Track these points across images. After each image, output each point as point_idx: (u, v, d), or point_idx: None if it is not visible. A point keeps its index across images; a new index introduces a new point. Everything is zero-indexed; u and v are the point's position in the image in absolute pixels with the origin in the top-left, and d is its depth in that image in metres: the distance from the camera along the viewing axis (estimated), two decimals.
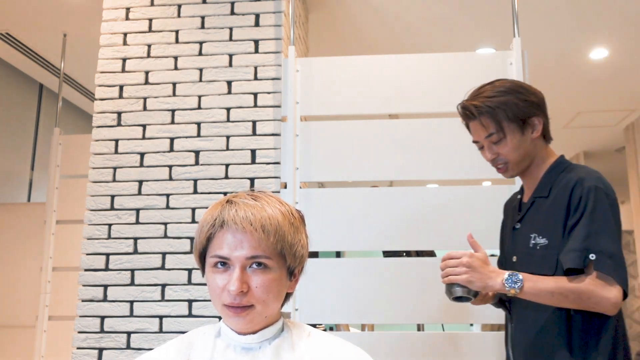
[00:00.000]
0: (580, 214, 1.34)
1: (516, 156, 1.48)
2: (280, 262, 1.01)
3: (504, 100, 1.46)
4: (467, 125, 1.55)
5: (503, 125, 1.46)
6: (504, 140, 1.47)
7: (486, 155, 1.51)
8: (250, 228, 0.97)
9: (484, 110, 1.46)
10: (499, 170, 1.52)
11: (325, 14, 3.28)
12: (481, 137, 1.50)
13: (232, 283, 0.96)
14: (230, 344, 1.03)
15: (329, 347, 1.03)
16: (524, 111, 1.46)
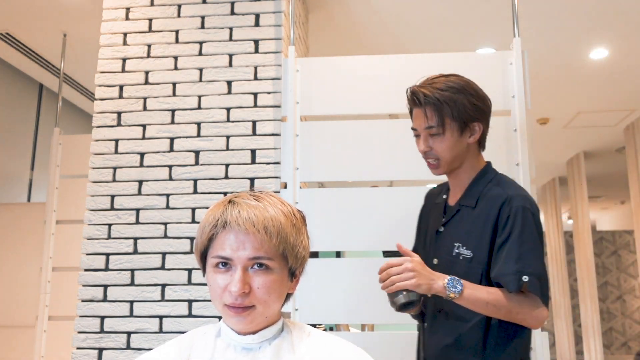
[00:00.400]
0: (509, 234, 1.38)
1: (449, 155, 1.47)
2: (282, 263, 1.01)
3: (454, 98, 1.45)
4: (410, 110, 1.54)
5: (445, 122, 1.45)
6: (441, 136, 1.46)
7: (420, 146, 1.50)
8: (252, 229, 0.97)
9: (431, 101, 1.45)
10: (430, 165, 1.51)
11: (325, 14, 3.28)
12: (421, 127, 1.48)
13: (234, 284, 0.96)
14: (231, 344, 1.03)
15: (329, 347, 1.03)
16: (469, 114, 1.46)
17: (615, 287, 8.95)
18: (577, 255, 6.40)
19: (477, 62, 2.25)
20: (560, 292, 7.06)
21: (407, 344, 2.08)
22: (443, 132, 1.45)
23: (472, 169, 1.51)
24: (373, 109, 2.26)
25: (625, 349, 8.76)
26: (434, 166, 1.50)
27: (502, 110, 2.19)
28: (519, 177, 2.11)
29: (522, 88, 2.15)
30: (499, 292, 1.36)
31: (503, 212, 1.40)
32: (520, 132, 2.12)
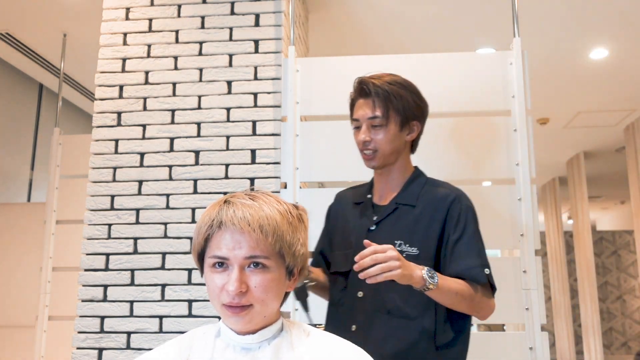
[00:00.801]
0: (462, 231, 1.44)
1: (388, 148, 1.50)
2: (279, 262, 1.01)
3: (400, 93, 1.50)
4: (353, 101, 1.55)
5: (390, 114, 1.48)
6: (384, 128, 1.49)
7: (360, 136, 1.51)
8: (248, 228, 0.97)
9: (380, 92, 1.48)
10: (366, 156, 1.52)
11: (325, 14, 3.28)
12: (365, 117, 1.50)
13: (231, 283, 0.96)
14: (230, 343, 1.03)
15: (328, 347, 1.03)
16: (412, 112, 1.51)
17: (615, 287, 8.95)
18: (577, 255, 6.40)
19: (477, 62, 2.25)
20: (560, 292, 7.06)
21: None
22: (386, 123, 1.49)
23: (404, 169, 1.55)
24: None
25: (625, 349, 8.76)
26: (370, 157, 1.51)
27: (502, 110, 2.19)
28: (519, 177, 2.11)
29: (522, 88, 2.15)
30: (464, 283, 1.40)
31: (453, 210, 1.47)
32: (520, 132, 2.12)
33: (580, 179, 6.21)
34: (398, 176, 1.55)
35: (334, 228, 1.62)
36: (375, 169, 1.55)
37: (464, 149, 2.17)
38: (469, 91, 2.21)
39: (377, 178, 1.58)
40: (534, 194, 2.09)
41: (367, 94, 1.50)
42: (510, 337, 2.05)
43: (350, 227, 1.55)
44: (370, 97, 1.49)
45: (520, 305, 2.03)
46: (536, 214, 2.08)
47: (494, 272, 2.08)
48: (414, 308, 1.42)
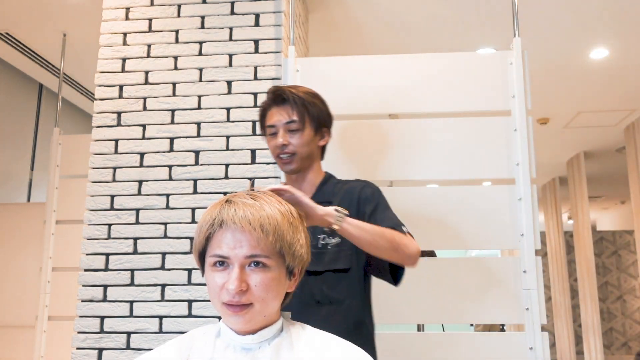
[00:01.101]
0: (376, 204, 1.57)
1: (305, 151, 1.58)
2: (279, 261, 1.01)
3: (313, 101, 1.60)
4: (265, 110, 1.62)
5: (306, 119, 1.58)
6: (300, 132, 1.57)
7: (278, 140, 1.57)
8: (249, 227, 0.98)
9: (297, 98, 1.58)
10: (283, 160, 1.58)
11: (325, 14, 3.28)
12: (281, 122, 1.57)
13: (232, 282, 0.97)
14: (230, 344, 1.03)
15: (328, 347, 1.03)
16: (324, 118, 1.63)
17: (616, 287, 8.94)
18: (577, 255, 6.40)
19: (477, 62, 2.25)
20: (560, 292, 7.06)
21: (407, 344, 2.08)
22: (303, 128, 1.57)
23: (317, 173, 1.65)
24: (373, 109, 2.26)
25: (626, 349, 8.76)
26: (287, 161, 1.58)
27: (502, 110, 2.19)
28: (519, 177, 2.11)
29: (522, 88, 2.15)
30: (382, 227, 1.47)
31: (363, 193, 1.59)
32: (520, 132, 2.12)
33: (580, 179, 6.21)
34: (312, 180, 1.63)
35: None
36: (291, 173, 1.62)
37: (464, 149, 2.17)
38: (469, 91, 2.21)
39: (292, 183, 1.63)
40: (534, 194, 2.09)
41: (282, 101, 1.59)
42: (510, 337, 2.05)
43: None
44: (287, 104, 1.58)
45: (520, 305, 2.03)
46: (536, 214, 2.08)
47: (493, 271, 2.09)
48: (341, 293, 1.51)
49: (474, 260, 2.13)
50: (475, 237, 2.12)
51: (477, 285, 2.08)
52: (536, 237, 2.06)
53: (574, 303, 7.97)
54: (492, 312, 2.07)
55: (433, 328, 3.75)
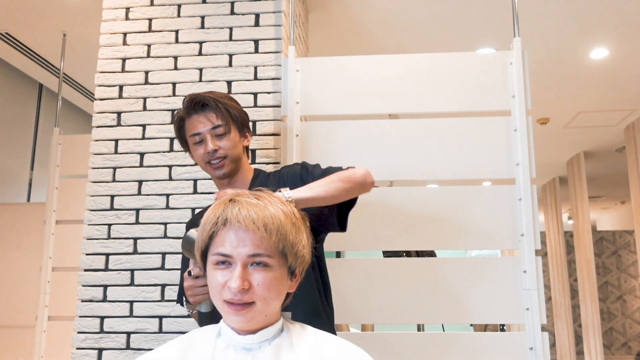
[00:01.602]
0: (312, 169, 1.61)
1: (235, 153, 1.61)
2: (282, 261, 1.02)
3: (231, 104, 1.62)
4: (182, 120, 1.62)
5: (229, 122, 1.60)
6: (227, 135, 1.59)
7: (208, 147, 1.57)
8: (252, 226, 0.98)
9: (219, 103, 1.59)
10: (215, 165, 1.59)
11: (325, 14, 3.28)
12: (207, 128, 1.58)
13: (234, 280, 0.97)
14: (231, 344, 1.03)
15: (329, 347, 1.03)
16: (243, 119, 1.66)
17: (616, 287, 8.94)
18: (578, 255, 6.40)
19: (477, 62, 2.25)
20: (561, 292, 7.05)
21: (407, 344, 2.08)
22: (229, 130, 1.59)
23: (247, 172, 1.68)
24: (373, 109, 2.26)
25: (626, 349, 8.75)
26: (219, 165, 1.59)
27: (502, 110, 2.19)
28: (519, 177, 2.11)
29: (522, 88, 2.15)
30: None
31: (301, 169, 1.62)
32: (520, 132, 2.12)
33: (580, 179, 6.21)
34: (243, 178, 1.66)
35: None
36: (224, 178, 1.63)
37: (464, 149, 2.17)
38: (469, 91, 2.21)
39: (223, 187, 1.65)
40: (534, 194, 2.09)
41: (203, 107, 1.59)
42: (510, 337, 2.05)
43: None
44: (208, 109, 1.58)
45: (520, 305, 2.03)
46: (536, 214, 2.08)
47: (493, 271, 2.09)
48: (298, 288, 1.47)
49: (474, 260, 2.13)
50: (475, 237, 2.12)
51: (477, 285, 2.08)
52: (536, 237, 2.06)
53: (574, 303, 7.98)
54: (492, 312, 2.07)
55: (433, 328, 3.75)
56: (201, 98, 1.60)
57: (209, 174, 1.64)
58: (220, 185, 1.67)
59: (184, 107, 1.62)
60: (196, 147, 1.62)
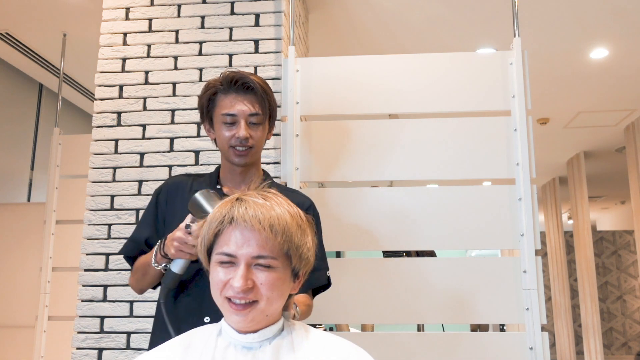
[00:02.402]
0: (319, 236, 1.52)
1: (261, 145, 1.53)
2: (286, 263, 1.02)
3: (272, 96, 1.54)
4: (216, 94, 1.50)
5: (265, 112, 1.51)
6: (261, 126, 1.51)
7: (240, 132, 1.47)
8: (258, 226, 0.98)
9: (265, 90, 1.50)
10: (241, 153, 1.49)
11: (325, 14, 3.28)
12: (245, 113, 1.48)
13: (237, 280, 0.97)
14: (231, 342, 1.03)
15: (329, 347, 1.03)
16: (275, 112, 1.57)
17: (616, 287, 8.94)
18: (577, 255, 6.40)
19: (477, 62, 2.25)
20: (560, 292, 7.06)
21: (407, 344, 2.08)
22: (264, 122, 1.51)
23: (259, 169, 1.60)
24: (373, 109, 2.26)
25: (626, 349, 8.75)
26: (243, 153, 1.49)
27: (502, 111, 2.19)
28: (519, 177, 2.11)
29: (522, 88, 2.15)
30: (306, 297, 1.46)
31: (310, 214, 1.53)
32: (520, 132, 2.12)
33: (580, 179, 6.21)
34: (255, 173, 1.57)
35: (172, 213, 1.53)
36: (243, 166, 1.53)
37: (464, 149, 2.17)
38: (469, 91, 2.21)
39: (233, 175, 1.55)
40: (534, 194, 2.09)
41: (247, 90, 1.48)
42: (510, 337, 2.05)
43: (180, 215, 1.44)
44: (252, 94, 1.49)
45: (520, 305, 2.03)
46: (536, 214, 2.08)
47: (493, 271, 2.09)
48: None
49: (474, 260, 2.13)
50: (475, 237, 2.12)
51: (477, 285, 2.08)
52: (536, 237, 2.06)
53: (574, 303, 7.98)
54: (492, 312, 2.07)
55: (433, 328, 3.74)
56: (248, 80, 1.48)
57: (227, 158, 1.53)
58: (232, 173, 1.55)
59: (224, 82, 1.50)
60: (225, 126, 1.49)
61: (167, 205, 1.55)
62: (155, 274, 1.45)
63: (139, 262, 1.51)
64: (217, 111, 1.51)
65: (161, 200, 1.56)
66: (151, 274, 1.46)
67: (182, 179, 1.60)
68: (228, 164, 1.55)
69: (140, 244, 1.53)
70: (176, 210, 1.52)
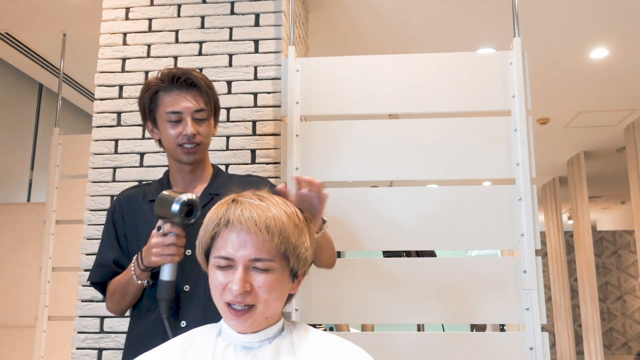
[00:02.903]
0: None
1: (208, 142, 1.51)
2: (283, 264, 1.01)
3: (214, 90, 1.52)
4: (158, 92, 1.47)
5: (212, 108, 1.49)
6: (207, 122, 1.48)
7: (186, 129, 1.44)
8: (255, 228, 0.98)
9: (208, 85, 1.48)
10: (189, 150, 1.46)
11: (325, 14, 3.28)
12: (190, 110, 1.45)
13: (235, 282, 0.97)
14: (231, 342, 1.03)
15: (329, 347, 1.03)
16: (219, 106, 1.55)
17: (616, 287, 8.94)
18: (578, 255, 6.40)
19: (477, 62, 2.25)
20: (561, 292, 7.05)
21: (407, 344, 2.08)
22: (209, 117, 1.49)
23: (209, 166, 1.57)
24: (373, 109, 2.26)
25: (626, 349, 8.75)
26: (192, 150, 1.46)
27: (502, 111, 2.19)
28: (519, 177, 2.11)
29: (522, 88, 2.15)
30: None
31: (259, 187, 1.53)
32: (520, 132, 2.12)
33: (580, 179, 6.21)
34: (205, 169, 1.55)
35: (131, 228, 1.50)
36: (192, 164, 1.51)
37: (464, 149, 2.17)
38: (469, 91, 2.21)
39: (182, 174, 1.53)
40: (534, 194, 2.09)
41: (190, 87, 1.46)
42: (510, 337, 2.05)
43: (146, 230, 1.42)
44: (196, 90, 1.46)
45: (520, 305, 2.03)
46: (536, 214, 2.08)
47: (493, 271, 2.09)
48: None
49: (474, 260, 2.13)
50: (475, 237, 2.12)
51: (477, 285, 2.08)
52: (536, 237, 2.06)
53: (574, 303, 7.97)
54: (492, 312, 2.07)
55: (433, 328, 3.74)
56: (191, 76, 1.46)
57: (175, 157, 1.50)
58: (181, 172, 1.53)
59: (165, 79, 1.47)
60: (170, 125, 1.46)
61: (125, 221, 1.52)
62: (137, 290, 1.42)
63: (114, 284, 1.47)
64: (161, 110, 1.48)
65: (117, 218, 1.53)
66: (132, 292, 1.43)
67: (132, 192, 1.57)
68: (176, 164, 1.53)
69: (110, 266, 1.49)
70: (135, 223, 1.50)
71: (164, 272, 1.33)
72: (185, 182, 1.54)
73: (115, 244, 1.51)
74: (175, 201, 1.28)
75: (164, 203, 1.30)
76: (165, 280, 1.32)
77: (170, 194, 1.30)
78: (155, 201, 1.31)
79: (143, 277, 1.39)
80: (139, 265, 1.37)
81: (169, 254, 1.30)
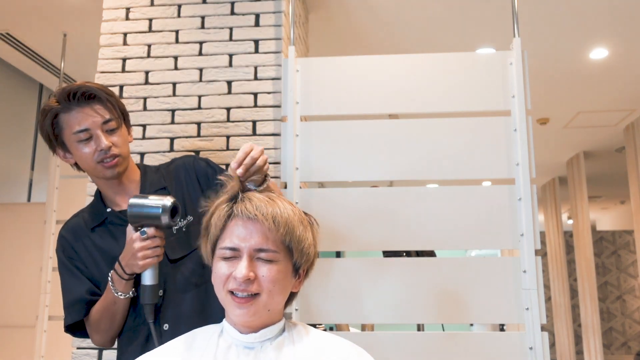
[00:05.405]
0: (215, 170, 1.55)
1: (126, 150, 1.44)
2: (287, 256, 1.03)
3: (117, 97, 1.46)
4: (58, 114, 1.38)
5: (120, 116, 1.44)
6: (118, 131, 1.42)
7: (99, 144, 1.37)
8: (261, 217, 1.00)
9: (107, 92, 1.42)
10: (109, 164, 1.40)
11: (325, 14, 3.28)
12: (96, 124, 1.38)
13: (239, 270, 0.98)
14: (233, 342, 1.03)
15: (329, 347, 1.03)
16: (127, 114, 1.50)
17: (615, 287, 8.95)
18: (577, 255, 6.41)
19: (477, 62, 2.25)
20: (560, 292, 7.06)
21: (407, 344, 2.09)
22: (120, 125, 1.44)
23: (135, 171, 1.52)
24: (373, 109, 2.26)
25: (625, 349, 8.76)
26: (113, 163, 1.40)
27: (502, 110, 2.19)
28: (519, 177, 2.11)
29: (522, 88, 2.15)
30: None
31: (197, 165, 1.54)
32: (520, 132, 2.13)
33: (580, 179, 6.21)
34: (132, 177, 1.50)
35: (86, 257, 1.46)
36: (116, 178, 1.45)
37: (464, 149, 2.17)
38: (469, 91, 2.21)
39: (113, 188, 1.48)
40: (534, 194, 2.10)
41: (89, 100, 1.38)
42: (510, 337, 2.05)
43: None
44: (96, 102, 1.39)
45: (520, 305, 2.04)
46: (536, 214, 2.08)
47: (493, 271, 2.09)
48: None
49: (474, 260, 2.13)
50: (475, 237, 2.12)
51: (477, 285, 2.08)
52: (536, 237, 2.06)
53: (574, 303, 7.98)
54: (492, 312, 2.07)
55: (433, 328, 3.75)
56: (87, 89, 1.38)
57: (97, 175, 1.43)
58: (109, 187, 1.47)
59: (60, 99, 1.38)
60: (82, 145, 1.38)
61: (77, 253, 1.47)
62: (125, 308, 1.40)
63: (96, 313, 1.42)
64: (67, 132, 1.39)
65: (70, 253, 1.48)
66: (121, 310, 1.39)
67: (72, 224, 1.51)
68: (102, 181, 1.47)
69: (85, 299, 1.43)
70: (88, 251, 1.46)
71: (146, 276, 1.33)
72: (120, 195, 1.49)
73: (81, 276, 1.46)
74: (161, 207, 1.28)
75: (143, 209, 1.29)
76: (149, 284, 1.32)
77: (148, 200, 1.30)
78: (132, 208, 1.29)
79: (127, 289, 1.36)
80: (122, 276, 1.34)
81: (156, 256, 1.31)
